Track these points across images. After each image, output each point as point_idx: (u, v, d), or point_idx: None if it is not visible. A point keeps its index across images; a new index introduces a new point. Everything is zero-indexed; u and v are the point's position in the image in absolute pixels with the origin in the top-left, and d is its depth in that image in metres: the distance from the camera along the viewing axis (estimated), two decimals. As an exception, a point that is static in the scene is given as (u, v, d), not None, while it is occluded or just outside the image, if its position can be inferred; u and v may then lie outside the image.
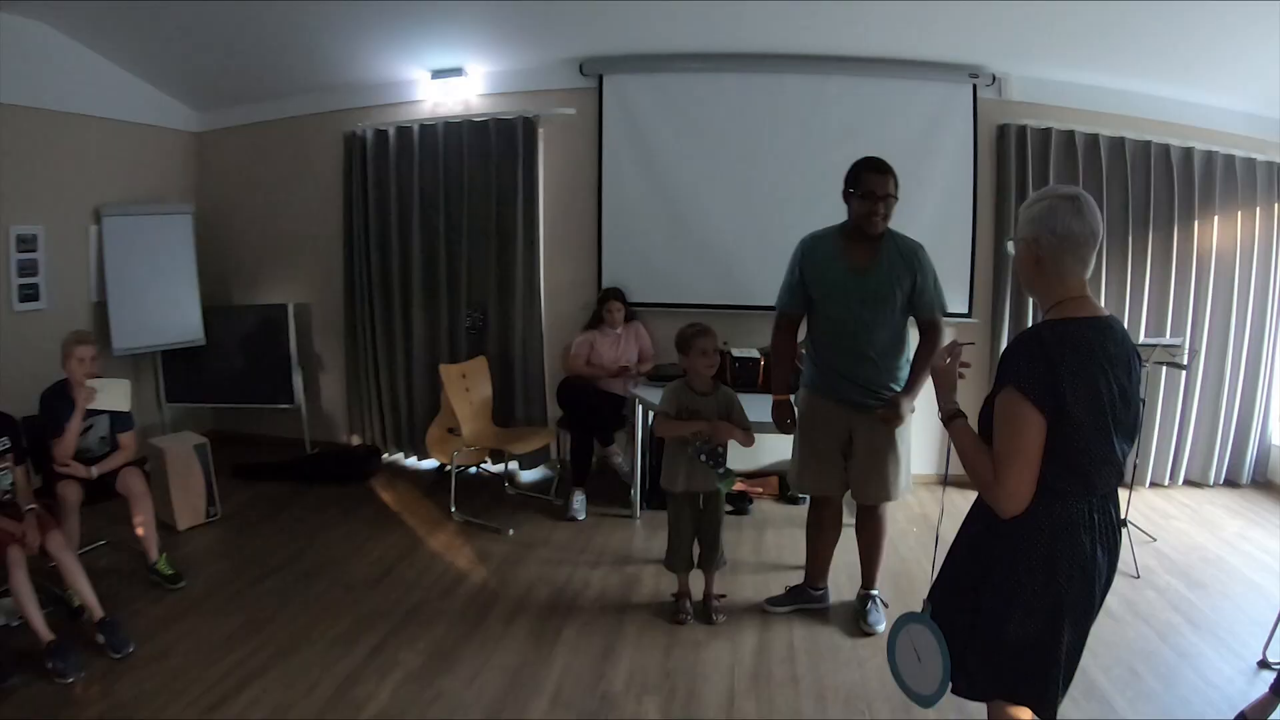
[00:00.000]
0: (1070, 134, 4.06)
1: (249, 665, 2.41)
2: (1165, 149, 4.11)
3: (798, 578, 2.86)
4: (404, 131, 4.26)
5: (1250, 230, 4.22)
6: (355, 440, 4.61)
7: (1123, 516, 1.57)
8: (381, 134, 4.30)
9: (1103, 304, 3.99)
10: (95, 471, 2.87)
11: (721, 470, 2.57)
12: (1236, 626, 2.68)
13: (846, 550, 2.86)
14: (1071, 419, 1.30)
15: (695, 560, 2.75)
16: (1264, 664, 2.40)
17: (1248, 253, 4.22)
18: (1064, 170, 4.07)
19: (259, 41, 3.90)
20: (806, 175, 3.99)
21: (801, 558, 2.86)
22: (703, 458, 2.54)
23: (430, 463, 4.40)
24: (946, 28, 3.68)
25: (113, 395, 2.94)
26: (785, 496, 3.96)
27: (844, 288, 2.38)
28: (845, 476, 2.55)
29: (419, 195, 4.24)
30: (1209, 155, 4.14)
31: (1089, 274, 1.43)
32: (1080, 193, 1.40)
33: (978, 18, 3.53)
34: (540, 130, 4.10)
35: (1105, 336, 1.36)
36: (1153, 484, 4.27)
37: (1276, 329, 4.32)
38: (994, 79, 4.05)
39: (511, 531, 3.47)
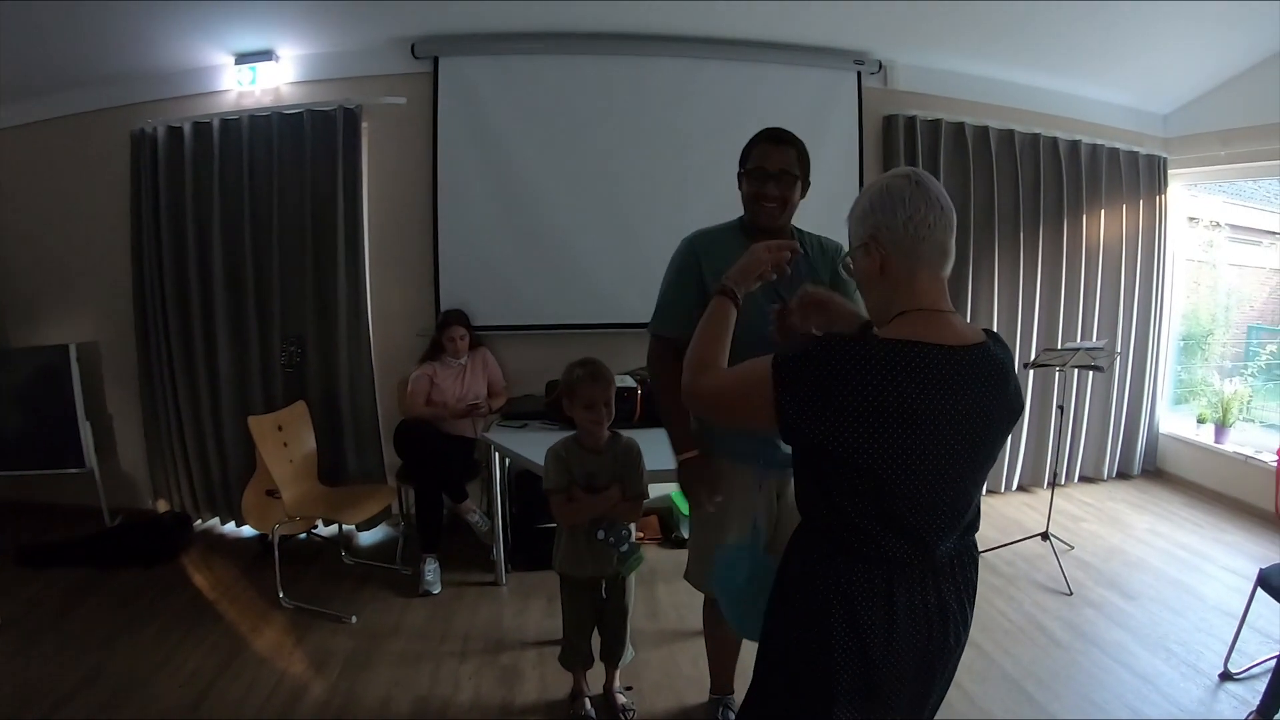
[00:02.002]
0: (960, 126, 3.63)
1: None
2: (1054, 141, 3.79)
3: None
4: (202, 128, 3.28)
5: (1135, 221, 4.01)
6: (162, 506, 3.54)
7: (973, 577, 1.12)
8: (175, 131, 3.29)
9: (995, 302, 3.54)
10: None
11: (624, 548, 1.86)
12: (1184, 636, 2.46)
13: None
14: (856, 469, 0.97)
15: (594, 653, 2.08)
16: (1226, 675, 2.20)
17: (1133, 243, 4.02)
18: (955, 163, 3.66)
19: (26, 21, 2.86)
20: (676, 173, 3.33)
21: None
22: (601, 535, 1.84)
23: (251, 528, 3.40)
24: (828, 10, 3.14)
25: None
26: (670, 539, 3.23)
27: (756, 298, 1.61)
28: None
29: (220, 205, 3.26)
30: (1094, 148, 3.86)
31: (947, 271, 1.03)
32: (914, 170, 1.04)
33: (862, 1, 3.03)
34: (364, 123, 3.22)
35: (960, 374, 0.96)
36: (1050, 484, 3.92)
37: (1161, 319, 4.17)
38: (880, 66, 3.56)
39: (355, 619, 2.62)
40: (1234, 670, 2.22)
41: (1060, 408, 3.34)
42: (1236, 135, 3.66)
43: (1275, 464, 3.54)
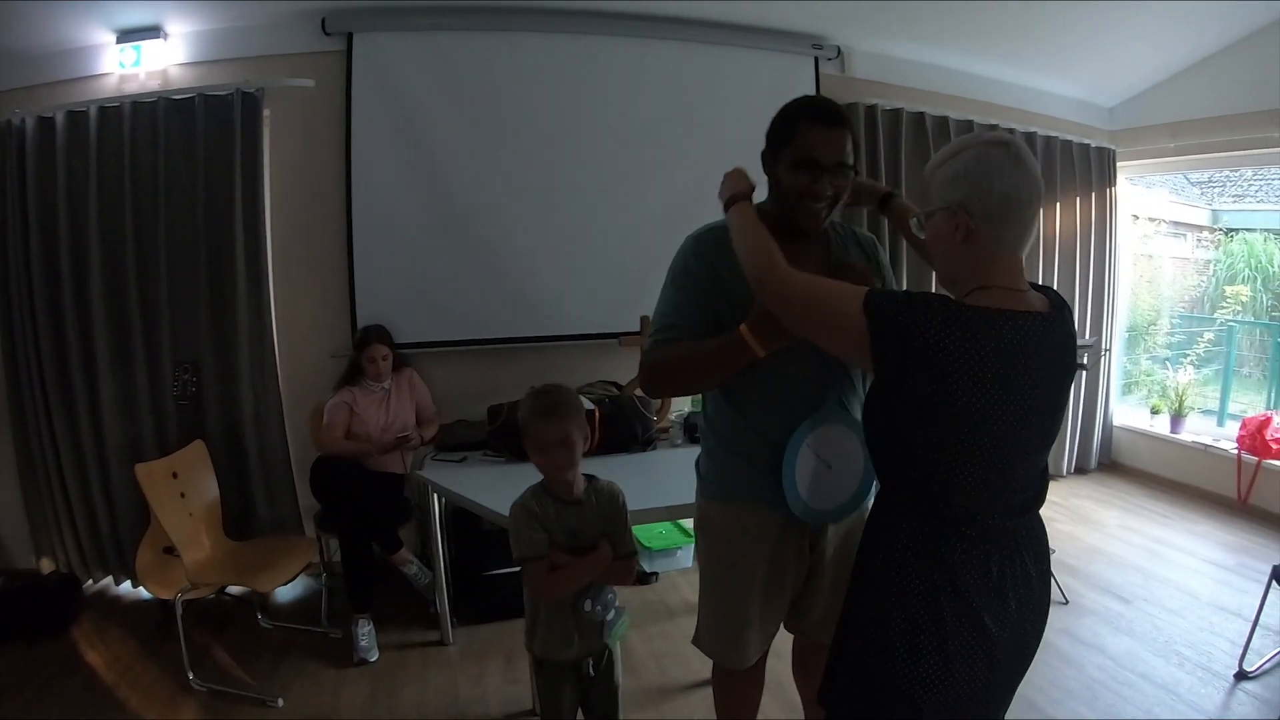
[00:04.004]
0: (920, 116, 3.22)
1: None
2: (1010, 133, 3.36)
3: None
4: (77, 117, 2.57)
5: (1086, 214, 3.71)
6: (47, 565, 2.79)
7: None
8: (46, 123, 2.57)
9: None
10: None
11: (610, 616, 1.38)
12: (1190, 638, 2.29)
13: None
14: (954, 428, 0.90)
15: None
16: (1241, 675, 2.06)
17: (1086, 236, 3.73)
18: (917, 156, 3.23)
19: None
20: (625, 165, 2.80)
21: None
22: (589, 607, 1.36)
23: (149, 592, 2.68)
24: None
25: None
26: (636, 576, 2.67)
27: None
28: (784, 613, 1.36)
29: (98, 207, 2.56)
30: (1049, 140, 3.54)
31: (1027, 250, 0.95)
32: (1011, 139, 0.93)
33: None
34: (266, 110, 2.57)
35: (1045, 340, 0.91)
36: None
37: (1114, 312, 3.91)
38: (838, 52, 3.12)
39: (281, 701, 2.01)
40: (1248, 669, 2.06)
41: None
42: (1182, 128, 3.43)
43: (1234, 452, 3.30)
